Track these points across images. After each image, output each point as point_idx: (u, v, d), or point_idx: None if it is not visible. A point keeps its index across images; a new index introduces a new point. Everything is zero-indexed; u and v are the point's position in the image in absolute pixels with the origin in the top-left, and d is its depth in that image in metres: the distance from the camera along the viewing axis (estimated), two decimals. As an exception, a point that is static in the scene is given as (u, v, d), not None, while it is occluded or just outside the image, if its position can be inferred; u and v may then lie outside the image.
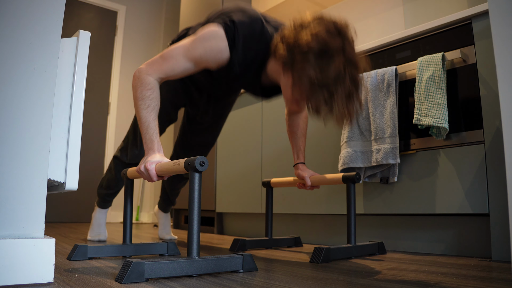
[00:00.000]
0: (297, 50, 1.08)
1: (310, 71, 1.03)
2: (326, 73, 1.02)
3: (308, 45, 1.05)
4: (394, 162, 1.60)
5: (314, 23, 1.09)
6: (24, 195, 0.86)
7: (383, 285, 0.92)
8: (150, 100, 1.22)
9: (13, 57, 0.88)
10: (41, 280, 0.85)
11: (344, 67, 1.03)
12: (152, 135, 1.22)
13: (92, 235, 1.89)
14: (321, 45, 1.04)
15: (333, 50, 1.04)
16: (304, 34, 1.08)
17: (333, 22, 1.09)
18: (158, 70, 1.23)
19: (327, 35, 1.05)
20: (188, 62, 1.23)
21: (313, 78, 1.03)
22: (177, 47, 1.24)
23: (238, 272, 1.06)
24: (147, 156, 1.21)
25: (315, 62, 1.04)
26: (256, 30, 1.24)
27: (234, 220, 2.56)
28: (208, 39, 1.20)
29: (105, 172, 1.85)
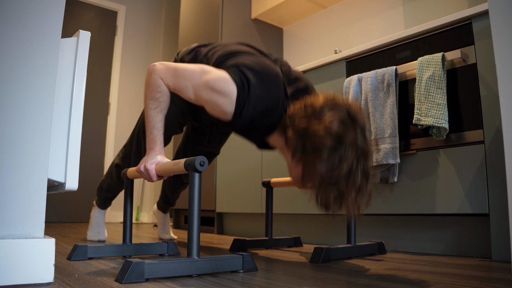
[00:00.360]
0: (308, 143, 1.00)
1: (322, 168, 0.96)
2: (338, 171, 0.96)
3: (321, 140, 0.97)
4: (394, 162, 1.60)
5: (327, 111, 1.00)
6: (24, 195, 0.86)
7: (383, 285, 0.92)
8: (159, 102, 1.22)
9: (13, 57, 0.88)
10: (41, 280, 0.85)
11: (356, 161, 0.98)
12: (156, 136, 1.22)
13: (92, 235, 1.89)
14: (334, 141, 0.97)
15: (347, 145, 0.97)
16: (316, 125, 0.99)
17: (347, 109, 1.01)
18: (169, 80, 1.22)
19: (341, 128, 0.97)
20: (193, 96, 1.19)
21: (324, 175, 0.97)
22: (193, 74, 1.18)
23: (238, 272, 1.06)
24: (148, 156, 1.21)
25: (327, 159, 0.96)
26: (269, 107, 1.16)
27: (234, 220, 2.56)
28: (219, 93, 1.13)
29: (105, 175, 1.84)
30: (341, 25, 2.78)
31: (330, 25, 2.86)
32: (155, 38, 4.27)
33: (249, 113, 1.14)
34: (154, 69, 1.24)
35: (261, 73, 1.15)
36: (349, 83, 1.83)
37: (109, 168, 1.82)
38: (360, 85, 1.79)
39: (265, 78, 1.15)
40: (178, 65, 1.23)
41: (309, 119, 1.02)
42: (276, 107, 1.17)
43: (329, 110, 1.01)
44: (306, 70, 2.12)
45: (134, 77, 4.06)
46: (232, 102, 1.12)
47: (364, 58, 1.86)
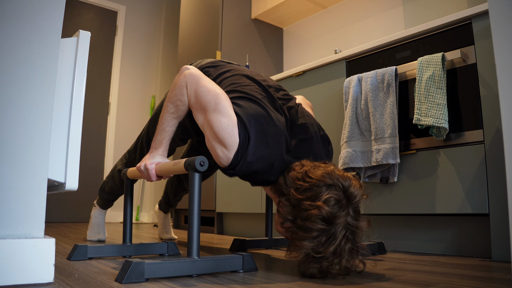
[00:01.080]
0: (299, 219, 0.98)
1: (308, 246, 0.95)
2: (325, 250, 0.95)
3: (312, 221, 0.95)
4: (394, 162, 1.60)
5: (324, 189, 0.98)
6: (24, 195, 0.86)
7: (383, 285, 0.91)
8: (177, 109, 1.20)
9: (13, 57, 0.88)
10: (41, 280, 0.85)
11: (345, 240, 0.96)
12: (164, 139, 1.22)
13: (92, 235, 1.89)
14: (326, 223, 0.95)
15: (337, 226, 0.95)
16: (310, 203, 0.97)
17: (343, 187, 0.99)
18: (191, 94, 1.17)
19: (334, 209, 0.95)
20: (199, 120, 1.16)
21: (310, 252, 0.96)
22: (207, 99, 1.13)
23: (238, 272, 1.06)
24: (150, 155, 1.22)
25: (315, 238, 0.95)
26: (264, 168, 1.12)
27: (234, 220, 2.56)
28: (221, 142, 1.08)
29: (107, 178, 1.83)
30: (341, 25, 2.78)
31: (330, 25, 2.86)
32: (155, 38, 4.27)
33: (243, 170, 1.10)
34: (186, 73, 1.20)
35: (264, 132, 1.10)
36: (349, 83, 1.83)
37: (111, 171, 1.81)
38: (360, 85, 1.79)
39: (266, 138, 1.10)
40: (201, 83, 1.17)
41: (306, 194, 1.00)
42: (271, 169, 1.13)
43: (326, 188, 0.98)
44: (306, 70, 2.12)
45: (134, 77, 4.06)
46: (229, 157, 1.08)
47: (364, 58, 1.86)
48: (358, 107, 1.78)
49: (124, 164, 1.72)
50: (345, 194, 0.98)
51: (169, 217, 2.12)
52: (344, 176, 1.01)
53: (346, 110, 1.81)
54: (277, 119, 1.16)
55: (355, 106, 1.78)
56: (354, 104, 1.78)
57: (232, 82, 1.26)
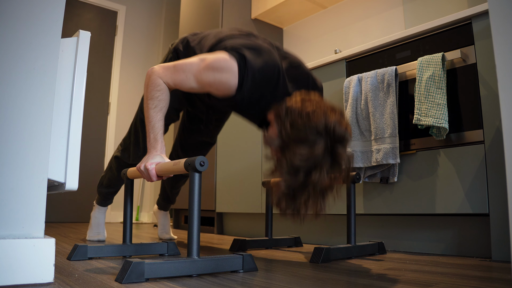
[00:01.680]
0: (285, 157, 1.05)
1: (287, 181, 1.03)
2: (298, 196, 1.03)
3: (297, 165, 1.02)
4: (394, 162, 1.60)
5: (317, 136, 1.03)
6: (24, 195, 0.86)
7: (383, 285, 0.92)
8: (158, 101, 1.24)
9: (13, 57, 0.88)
10: (41, 280, 0.85)
11: (315, 193, 1.04)
12: (157, 135, 1.23)
13: (91, 235, 1.88)
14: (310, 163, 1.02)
15: (314, 182, 1.02)
16: (300, 145, 1.03)
17: (335, 139, 1.04)
18: (169, 77, 1.25)
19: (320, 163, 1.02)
20: (196, 84, 1.24)
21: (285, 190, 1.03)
22: (191, 65, 1.23)
23: (238, 272, 1.06)
24: (149, 155, 1.22)
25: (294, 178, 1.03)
26: (267, 77, 1.20)
27: (234, 220, 2.56)
28: (221, 70, 1.18)
29: (105, 171, 1.84)
30: (341, 25, 2.78)
31: (330, 25, 2.86)
32: (155, 38, 4.27)
33: (248, 84, 1.18)
34: (152, 71, 1.27)
35: (253, 48, 1.22)
36: (349, 83, 1.83)
37: (109, 162, 1.81)
38: (360, 85, 1.79)
39: (258, 52, 1.21)
40: (175, 62, 1.27)
41: (296, 133, 1.05)
42: (273, 76, 1.21)
43: (317, 137, 1.03)
44: (306, 70, 2.12)
45: (134, 77, 4.06)
46: (235, 75, 1.17)
47: (364, 58, 1.86)
48: (358, 107, 1.78)
49: (120, 150, 1.73)
50: (332, 145, 1.04)
51: (168, 217, 2.12)
52: (341, 127, 1.05)
53: (346, 110, 1.81)
54: (263, 43, 1.27)
55: (355, 106, 1.78)
56: (354, 104, 1.78)
57: (217, 35, 1.37)
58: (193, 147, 1.84)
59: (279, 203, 1.06)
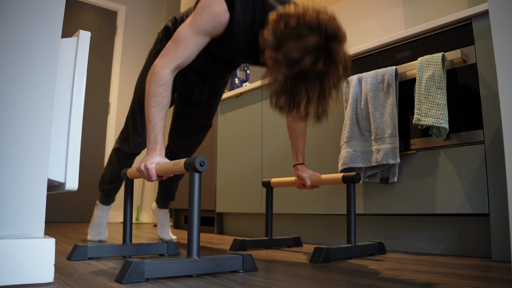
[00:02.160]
0: (281, 51, 1.09)
1: (285, 72, 1.07)
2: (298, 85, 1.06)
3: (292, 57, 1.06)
4: (394, 162, 1.60)
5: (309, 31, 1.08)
6: (24, 195, 0.86)
7: (383, 285, 0.92)
8: (161, 98, 1.23)
9: (13, 57, 0.88)
10: (41, 280, 0.85)
11: (316, 81, 1.06)
12: (157, 135, 1.23)
13: (93, 235, 1.87)
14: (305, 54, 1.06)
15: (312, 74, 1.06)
16: (294, 40, 1.07)
17: (327, 35, 1.08)
18: (173, 57, 1.26)
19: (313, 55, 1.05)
20: (199, 36, 1.27)
21: (285, 80, 1.06)
22: (184, 27, 1.27)
23: (238, 272, 1.06)
24: (148, 155, 1.22)
25: (292, 69, 1.06)
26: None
27: (234, 220, 2.56)
28: (209, 5, 1.24)
29: (106, 167, 1.82)
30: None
31: (330, 25, 2.85)
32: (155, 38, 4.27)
33: (240, 7, 1.25)
34: (154, 65, 1.27)
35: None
36: (349, 83, 1.83)
37: (108, 158, 1.80)
38: (360, 85, 1.79)
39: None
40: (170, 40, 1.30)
41: (290, 31, 1.09)
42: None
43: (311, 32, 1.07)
44: (306, 70, 2.12)
45: (134, 77, 4.06)
46: (221, 1, 1.24)
47: (364, 58, 1.86)
48: (358, 107, 1.78)
49: (120, 142, 1.73)
50: (326, 42, 1.06)
51: (167, 216, 2.08)
52: (333, 25, 1.09)
53: (346, 110, 1.81)
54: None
55: (355, 106, 1.78)
56: (354, 104, 1.78)
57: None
58: (190, 132, 1.83)
59: (277, 99, 1.09)
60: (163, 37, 1.59)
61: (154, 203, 2.11)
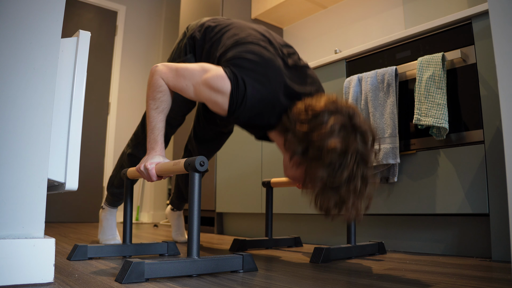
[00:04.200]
0: (310, 148, 1.01)
1: (323, 174, 0.97)
2: (340, 177, 0.96)
3: (323, 147, 0.98)
4: (394, 162, 1.60)
5: (328, 116, 1.01)
6: (24, 195, 0.86)
7: (383, 285, 0.92)
8: (160, 102, 1.24)
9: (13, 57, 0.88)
10: (41, 280, 0.85)
11: (356, 166, 0.98)
12: (157, 136, 1.23)
13: (106, 238, 1.77)
14: (336, 148, 0.98)
15: (348, 152, 0.98)
16: (318, 131, 1.00)
17: (348, 113, 1.01)
18: (170, 80, 1.23)
19: (342, 134, 0.98)
20: (193, 95, 1.21)
21: (325, 181, 0.98)
22: (193, 74, 1.20)
23: (238, 272, 1.06)
24: (148, 155, 1.22)
25: (329, 165, 0.97)
26: (265, 109, 1.17)
27: (234, 220, 2.56)
28: (217, 91, 1.15)
29: (115, 169, 1.76)
30: (341, 25, 2.78)
31: (330, 25, 2.86)
32: (155, 38, 4.27)
33: (244, 114, 1.15)
34: (156, 70, 1.25)
35: (260, 72, 1.15)
36: (349, 83, 1.83)
37: (119, 160, 1.74)
38: (360, 85, 1.79)
39: (263, 76, 1.15)
40: (178, 65, 1.24)
41: (310, 124, 1.02)
42: (273, 109, 1.17)
43: (331, 114, 1.01)
44: (306, 70, 2.12)
45: (134, 77, 4.06)
46: (226, 100, 1.14)
47: (364, 58, 1.86)
48: (358, 107, 1.78)
49: (133, 146, 1.66)
50: (350, 120, 1.01)
51: (182, 217, 2.04)
52: (348, 105, 1.04)
53: (346, 110, 1.81)
54: (275, 61, 1.20)
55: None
56: (354, 104, 1.78)
57: (233, 37, 1.30)
58: (208, 139, 1.77)
59: (327, 209, 1.00)
60: (188, 47, 1.50)
61: (168, 207, 2.07)
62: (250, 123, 1.21)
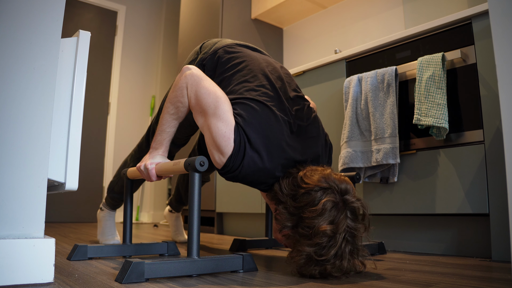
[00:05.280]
0: (301, 224, 1.00)
1: (311, 250, 0.97)
2: (327, 254, 0.95)
3: (314, 225, 0.97)
4: (394, 162, 1.60)
5: (322, 192, 1.00)
6: (24, 195, 0.86)
7: (383, 285, 0.92)
8: (177, 110, 1.20)
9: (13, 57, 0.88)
10: (41, 280, 0.85)
11: (345, 243, 0.97)
12: (164, 139, 1.22)
13: (106, 239, 1.77)
14: (327, 230, 0.96)
15: (338, 232, 0.97)
16: (310, 207, 0.99)
17: (340, 190, 1.01)
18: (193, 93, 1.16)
19: (334, 213, 0.97)
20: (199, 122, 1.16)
21: (313, 255, 0.97)
22: (206, 102, 1.11)
23: (238, 272, 1.06)
24: (149, 155, 1.22)
25: (317, 244, 0.96)
26: (259, 180, 1.14)
27: (234, 220, 2.56)
28: (217, 146, 1.08)
29: (115, 177, 1.76)
30: (341, 25, 2.78)
31: (330, 25, 2.86)
32: (155, 38, 4.27)
33: (237, 178, 1.12)
34: (186, 74, 1.18)
35: (264, 144, 1.10)
36: (349, 83, 1.83)
37: (120, 168, 1.74)
38: (360, 85, 1.79)
39: (265, 150, 1.10)
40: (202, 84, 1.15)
41: (302, 201, 1.01)
42: (265, 181, 1.15)
43: (323, 192, 1.00)
44: (306, 70, 2.12)
45: (134, 77, 4.06)
46: (223, 159, 1.08)
47: (364, 58, 1.86)
48: (358, 107, 1.78)
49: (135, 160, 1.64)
50: (342, 197, 1.00)
51: (180, 218, 2.05)
52: (340, 179, 1.03)
53: (346, 110, 1.81)
54: (281, 135, 1.14)
55: (355, 106, 1.78)
56: (354, 104, 1.78)
57: (244, 80, 1.24)
58: None
59: (310, 275, 0.99)
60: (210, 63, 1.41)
61: (166, 208, 2.08)
62: (243, 182, 1.19)
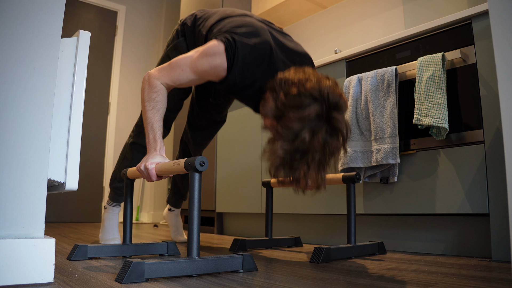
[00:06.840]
0: (282, 121, 1.06)
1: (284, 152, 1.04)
2: (299, 158, 1.02)
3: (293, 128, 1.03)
4: (394, 162, 1.60)
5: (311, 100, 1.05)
6: (24, 195, 0.86)
7: (383, 285, 0.92)
8: (155, 102, 1.27)
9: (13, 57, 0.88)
10: (41, 280, 0.85)
11: (318, 152, 1.03)
12: (156, 135, 1.24)
13: (107, 239, 1.76)
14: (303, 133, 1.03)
15: (314, 139, 1.02)
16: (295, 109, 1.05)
17: (329, 105, 1.04)
18: (166, 76, 1.28)
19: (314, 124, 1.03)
20: (193, 75, 1.28)
21: (285, 159, 1.03)
22: (185, 58, 1.28)
23: (238, 272, 1.06)
24: (148, 155, 1.22)
25: (291, 147, 1.03)
26: (257, 58, 1.25)
27: (234, 220, 2.56)
28: (213, 55, 1.23)
29: (117, 163, 1.76)
30: (341, 25, 2.78)
31: (330, 25, 2.86)
32: (155, 38, 4.27)
33: (239, 66, 1.23)
34: (149, 75, 1.31)
35: (245, 28, 1.27)
36: (349, 83, 1.83)
37: (121, 154, 1.74)
38: (360, 85, 1.79)
39: (249, 33, 1.26)
40: (169, 61, 1.32)
41: (293, 100, 1.06)
42: (264, 56, 1.25)
43: (313, 101, 1.04)
44: (306, 70, 2.12)
45: (134, 77, 4.06)
46: (223, 58, 1.22)
47: (364, 58, 1.86)
48: (358, 107, 1.78)
49: (135, 135, 1.68)
50: (328, 110, 1.04)
51: (180, 218, 2.04)
52: (335, 93, 1.06)
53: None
54: (259, 23, 1.32)
55: (355, 106, 1.78)
56: (354, 104, 1.78)
57: (219, 14, 1.45)
58: (201, 127, 1.84)
59: (276, 172, 1.06)
60: (180, 32, 1.61)
61: (166, 208, 2.07)
62: (246, 84, 1.27)
